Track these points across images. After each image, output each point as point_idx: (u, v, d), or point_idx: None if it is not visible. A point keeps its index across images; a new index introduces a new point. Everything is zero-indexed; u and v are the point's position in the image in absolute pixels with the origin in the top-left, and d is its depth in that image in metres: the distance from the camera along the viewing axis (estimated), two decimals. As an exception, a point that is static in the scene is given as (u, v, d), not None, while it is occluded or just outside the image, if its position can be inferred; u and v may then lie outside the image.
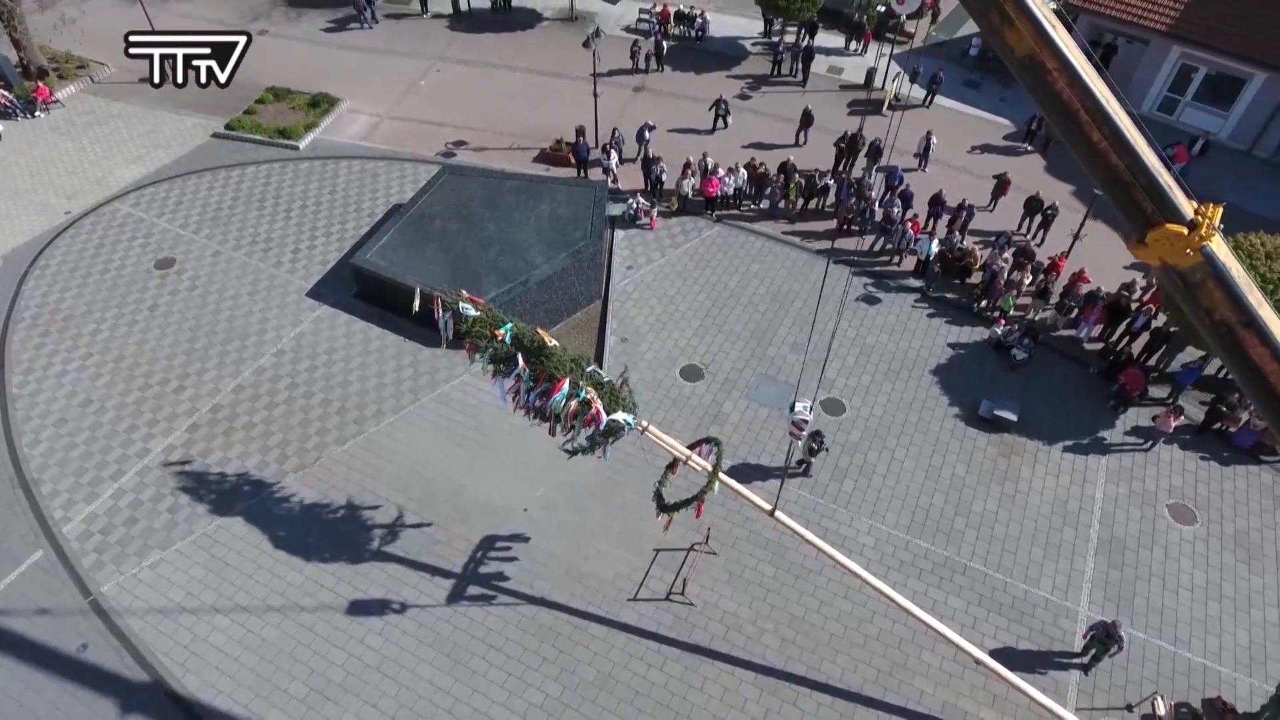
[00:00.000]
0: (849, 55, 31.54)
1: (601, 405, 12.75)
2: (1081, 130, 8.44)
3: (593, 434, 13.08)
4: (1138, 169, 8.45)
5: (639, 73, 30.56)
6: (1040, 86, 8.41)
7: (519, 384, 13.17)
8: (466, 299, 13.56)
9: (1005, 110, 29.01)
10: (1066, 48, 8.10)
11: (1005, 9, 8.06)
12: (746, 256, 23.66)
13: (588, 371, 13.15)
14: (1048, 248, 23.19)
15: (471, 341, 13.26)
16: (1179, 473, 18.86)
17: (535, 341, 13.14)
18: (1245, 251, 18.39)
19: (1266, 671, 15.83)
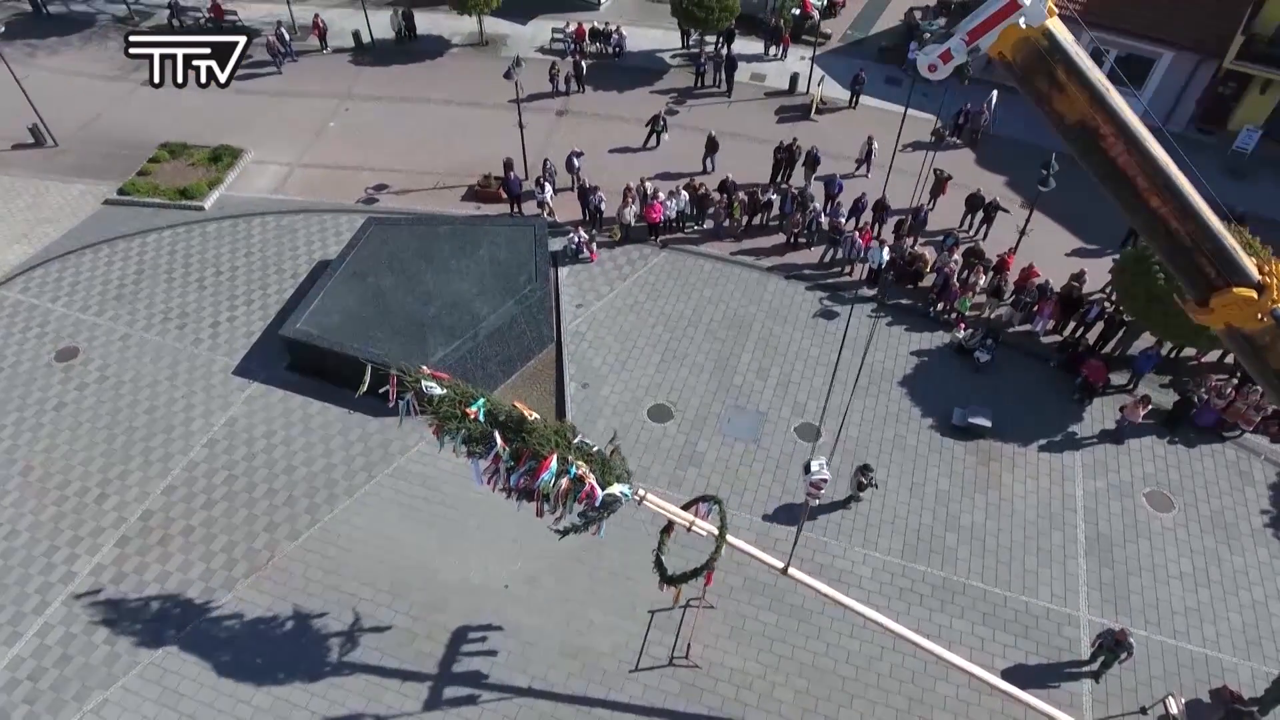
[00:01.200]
0: (769, 61, 31.21)
1: (595, 480, 11.75)
2: (1139, 197, 7.96)
3: (586, 511, 12.08)
4: (1202, 235, 8.01)
5: (560, 95, 29.51)
6: (1093, 153, 7.89)
7: (498, 464, 12.04)
8: (429, 375, 12.36)
9: (929, 105, 29.03)
10: (1124, 112, 7.58)
11: (1056, 74, 7.49)
12: (698, 281, 22.95)
13: (575, 444, 12.11)
14: (992, 244, 23.24)
15: (439, 423, 12.07)
16: (1150, 460, 19.07)
17: (513, 416, 12.05)
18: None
19: (1263, 653, 16.04)
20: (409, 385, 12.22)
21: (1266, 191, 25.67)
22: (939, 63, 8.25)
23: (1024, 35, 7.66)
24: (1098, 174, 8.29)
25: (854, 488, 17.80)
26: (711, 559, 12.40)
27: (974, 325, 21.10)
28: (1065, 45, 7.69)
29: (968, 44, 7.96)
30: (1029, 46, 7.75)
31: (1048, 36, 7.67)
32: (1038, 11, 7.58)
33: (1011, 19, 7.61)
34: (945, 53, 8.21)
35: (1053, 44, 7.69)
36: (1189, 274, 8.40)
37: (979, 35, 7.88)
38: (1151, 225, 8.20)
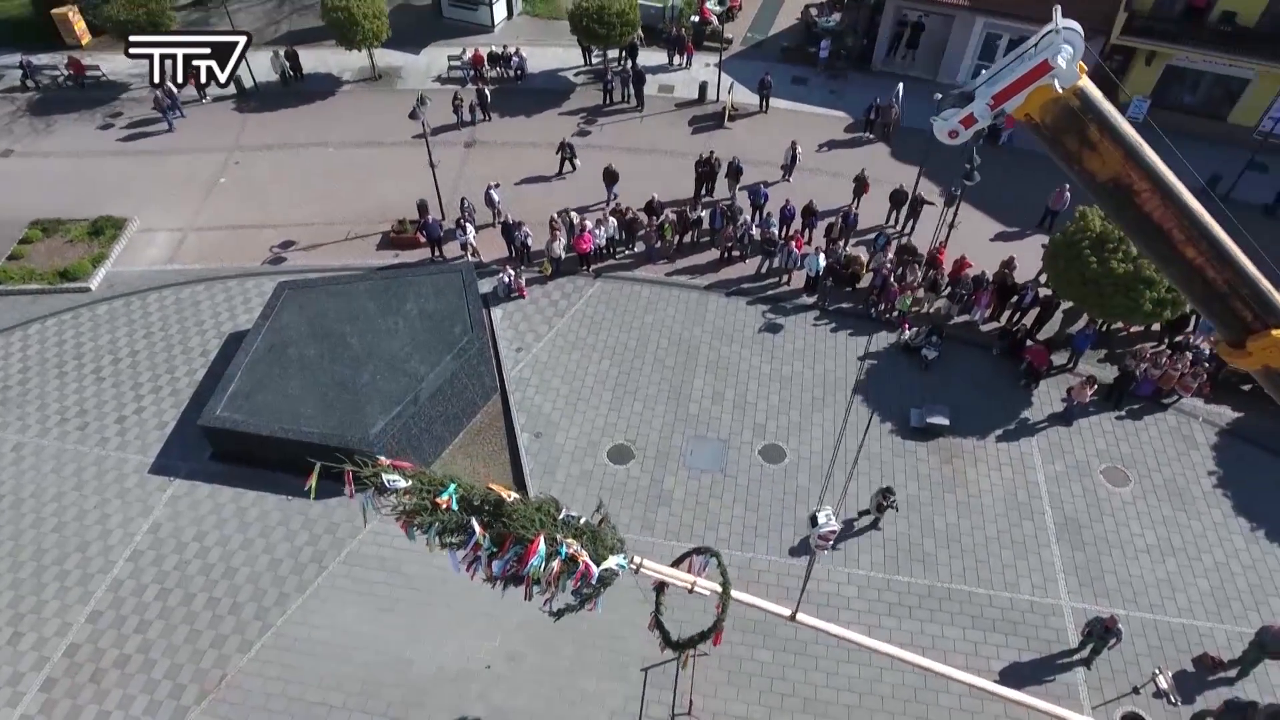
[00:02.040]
0: (675, 71, 30.80)
1: (588, 556, 10.93)
2: (1175, 248, 7.70)
3: (582, 589, 11.24)
4: (1239, 280, 7.82)
5: (466, 125, 28.31)
6: (1127, 209, 7.58)
7: (479, 551, 11.06)
8: (389, 465, 11.28)
9: (838, 103, 29.34)
10: (1159, 166, 7.30)
11: (1088, 133, 7.13)
12: (637, 309, 22.31)
13: (561, 519, 11.24)
14: (920, 239, 23.44)
15: (407, 517, 11.01)
16: (1100, 436, 19.54)
17: (490, 499, 11.09)
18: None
19: (1232, 613, 16.57)
20: (368, 481, 11.13)
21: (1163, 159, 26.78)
22: (960, 128, 7.87)
23: (1055, 96, 7.31)
24: (1130, 228, 8.07)
25: (874, 509, 17.54)
26: (719, 619, 11.78)
27: (918, 323, 21.19)
28: (1099, 103, 7.44)
29: (993, 108, 7.60)
30: (1059, 107, 7.46)
31: (1080, 95, 7.39)
32: (1071, 71, 7.26)
33: (1043, 81, 7.27)
34: (967, 118, 7.81)
35: (1085, 103, 7.42)
36: (1224, 318, 8.24)
37: (1006, 99, 7.53)
38: (1186, 274, 8.02)
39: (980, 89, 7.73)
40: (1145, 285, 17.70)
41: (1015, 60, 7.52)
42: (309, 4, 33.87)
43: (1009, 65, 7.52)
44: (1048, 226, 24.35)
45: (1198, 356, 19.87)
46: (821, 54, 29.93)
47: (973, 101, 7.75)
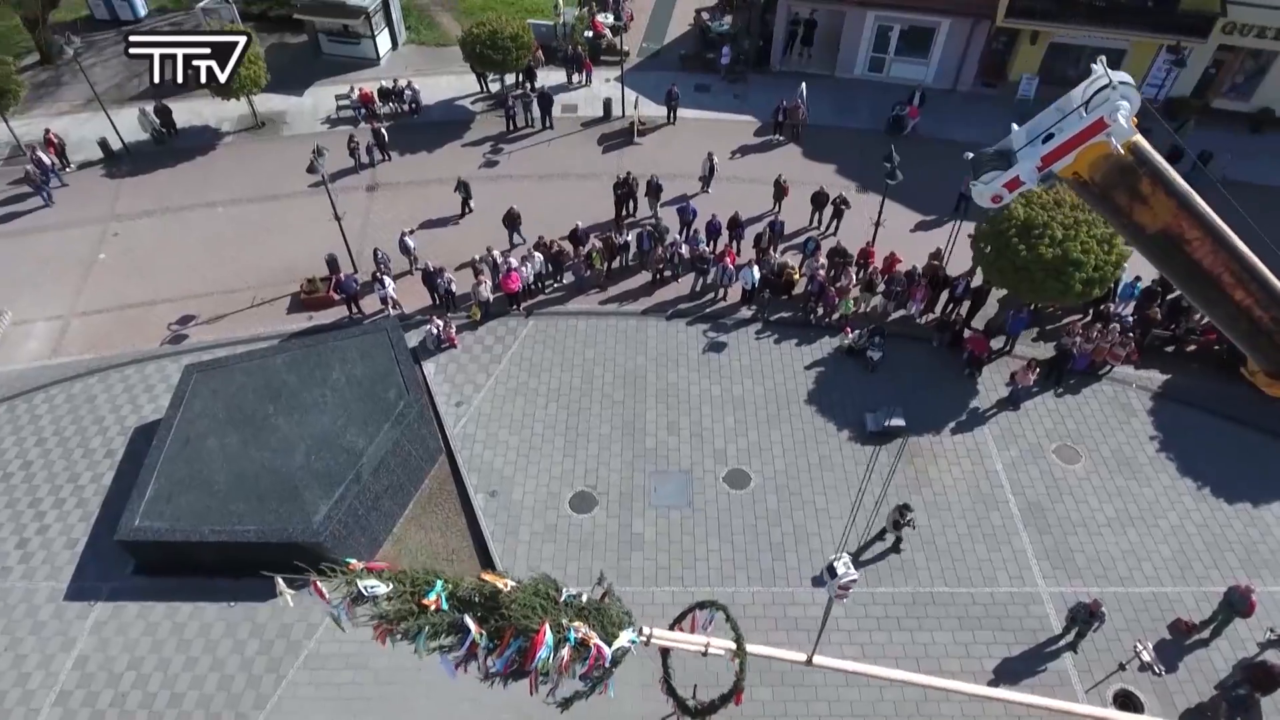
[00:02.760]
0: (576, 89, 30.04)
1: (599, 637, 10.12)
2: (1223, 292, 7.46)
3: (592, 674, 10.42)
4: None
5: (364, 168, 26.79)
6: (1176, 257, 7.30)
7: (476, 650, 10.09)
8: (363, 568, 10.19)
9: (744, 107, 29.21)
10: (1210, 214, 7.04)
11: (1139, 187, 6.81)
12: (576, 344, 21.53)
13: (564, 601, 10.37)
14: (845, 238, 23.49)
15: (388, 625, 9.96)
16: (1046, 416, 19.98)
17: (483, 591, 10.14)
18: (1026, 197, 19.52)
19: (1195, 574, 17.16)
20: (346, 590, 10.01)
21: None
22: (1004, 192, 7.47)
23: (1107, 153, 7.02)
24: (1178, 275, 7.89)
25: (891, 527, 17.27)
26: (739, 680, 11.21)
27: (859, 325, 21.20)
28: (1153, 157, 7.17)
29: (1041, 169, 7.23)
30: (1112, 163, 7.16)
31: (1134, 150, 7.08)
32: (1128, 128, 6.93)
33: (1098, 138, 6.93)
34: (1012, 181, 7.41)
35: (1140, 157, 7.15)
36: (1267, 352, 8.15)
37: (1056, 159, 7.17)
38: (1233, 315, 7.89)
39: (1024, 150, 7.38)
40: (1074, 267, 18.13)
41: (1063, 117, 7.17)
42: (172, 52, 31.46)
43: (1057, 124, 7.17)
44: (963, 212, 24.81)
45: (1123, 325, 20.59)
46: (723, 60, 29.75)
47: (1015, 164, 7.39)
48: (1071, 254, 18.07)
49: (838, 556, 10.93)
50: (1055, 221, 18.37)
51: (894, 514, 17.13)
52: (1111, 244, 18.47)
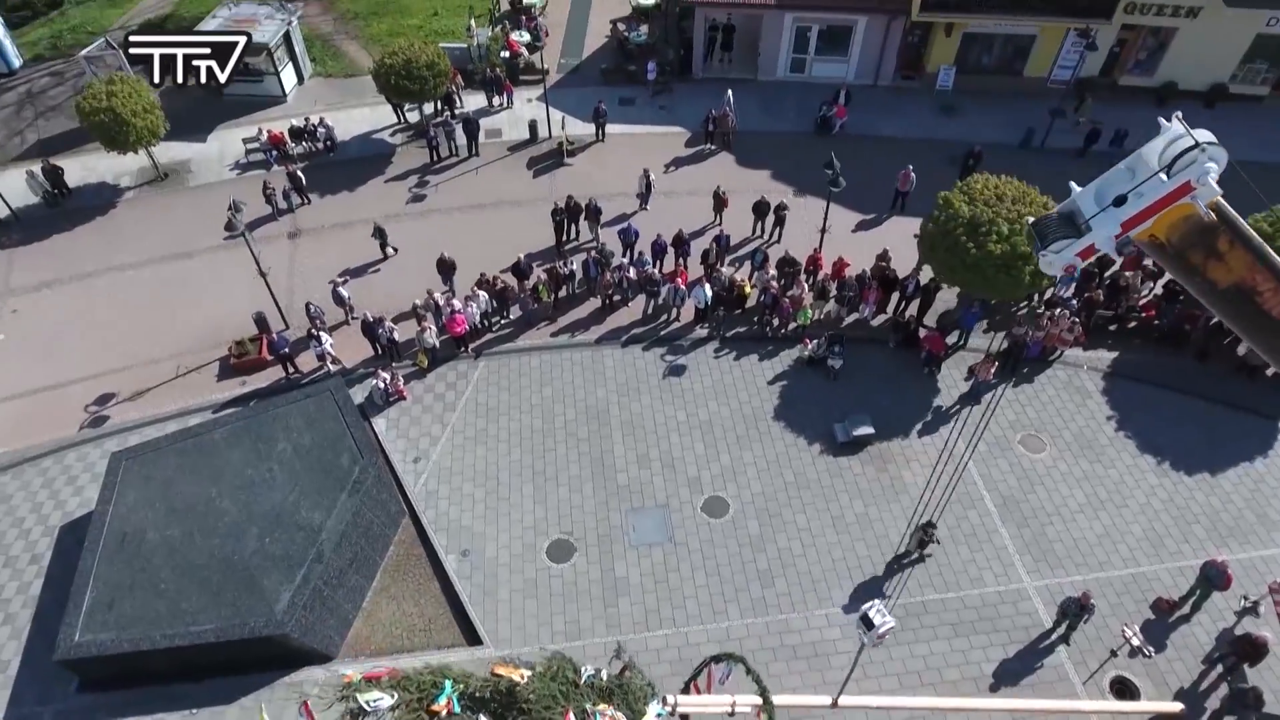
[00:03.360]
0: (498, 112, 29.10)
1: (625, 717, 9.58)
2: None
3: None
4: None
5: (284, 214, 25.30)
6: (1246, 308, 7.03)
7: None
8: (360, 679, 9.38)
9: (672, 118, 28.81)
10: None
11: (1217, 245, 6.49)
12: (532, 382, 20.74)
13: (586, 681, 9.76)
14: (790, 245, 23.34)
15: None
16: (1007, 407, 20.17)
17: (498, 687, 9.46)
18: (966, 188, 19.69)
19: (1168, 551, 17.56)
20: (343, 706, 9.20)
21: (975, 120, 28.34)
22: (1077, 261, 7.12)
23: (1190, 214, 6.76)
24: (1246, 327, 7.66)
25: (917, 545, 17.07)
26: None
27: (816, 334, 21.03)
28: (1234, 215, 6.92)
29: (1119, 236, 6.88)
30: (1190, 224, 6.88)
31: (1218, 209, 6.82)
32: (1214, 189, 6.60)
33: (1182, 201, 6.63)
34: (1087, 249, 7.06)
35: (1223, 216, 6.89)
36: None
37: (1136, 224, 6.83)
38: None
39: (1098, 217, 7.04)
40: (1023, 261, 18.32)
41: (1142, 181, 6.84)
42: (55, 104, 29.22)
43: (1135, 188, 6.82)
44: (900, 208, 25.05)
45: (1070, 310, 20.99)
46: (650, 75, 29.27)
47: (1088, 231, 7.06)
48: (1020, 248, 18.25)
49: (871, 605, 10.60)
50: (1000, 217, 18.52)
51: (919, 534, 16.94)
52: (1055, 234, 18.73)
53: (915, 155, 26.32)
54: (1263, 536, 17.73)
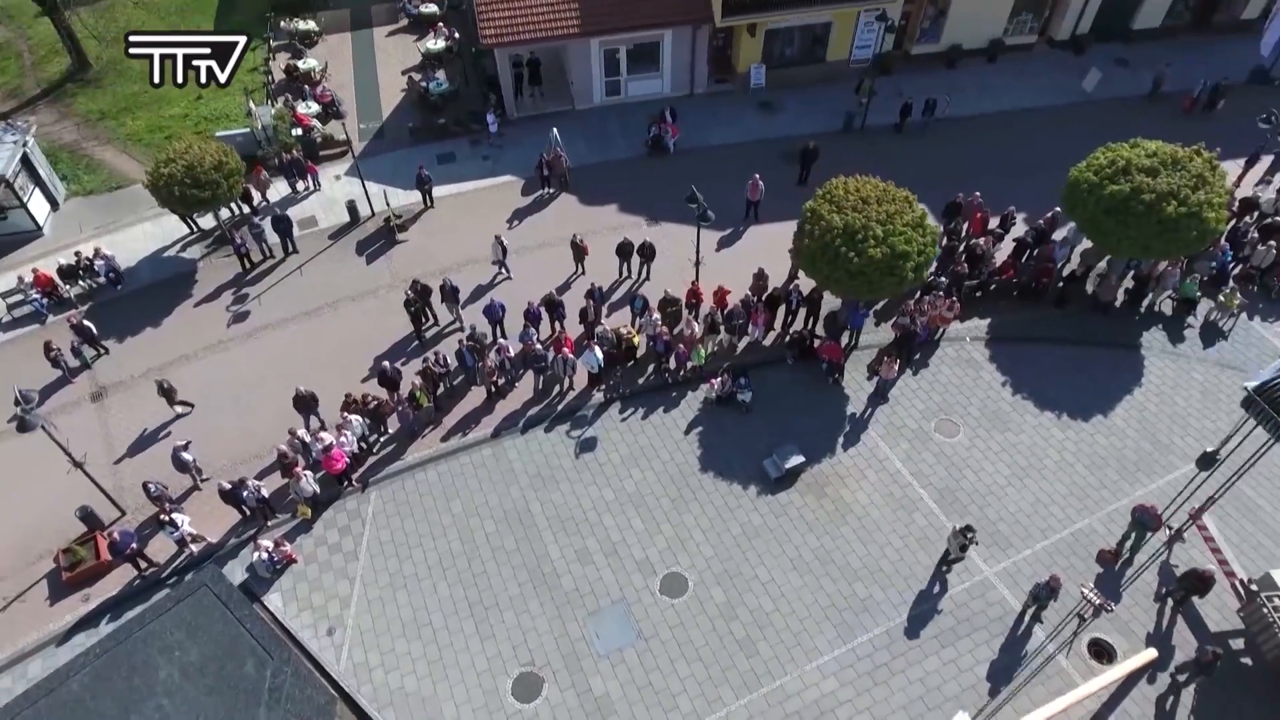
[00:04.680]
0: (305, 198, 26.04)
1: None
2: None
3: None
4: None
5: (78, 373, 21.23)
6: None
7: None
8: None
9: (499, 167, 27.04)
10: None
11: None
12: (436, 500, 18.60)
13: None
14: (663, 283, 22.49)
15: None
16: (914, 397, 20.48)
17: None
18: (828, 195, 19.63)
19: (1094, 501, 18.39)
20: None
21: (794, 115, 28.75)
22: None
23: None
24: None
25: (958, 550, 16.78)
26: None
27: (716, 369, 20.33)
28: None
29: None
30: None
31: None
32: None
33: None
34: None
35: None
36: None
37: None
38: None
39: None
40: (903, 259, 18.46)
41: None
42: None
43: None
44: (754, 216, 24.87)
45: (944, 289, 21.56)
46: (491, 129, 27.33)
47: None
48: (898, 248, 18.36)
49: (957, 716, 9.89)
50: (873, 221, 18.54)
51: (958, 538, 16.63)
52: (923, 225, 19.06)
53: (751, 159, 26.29)
54: (1163, 462, 19.03)
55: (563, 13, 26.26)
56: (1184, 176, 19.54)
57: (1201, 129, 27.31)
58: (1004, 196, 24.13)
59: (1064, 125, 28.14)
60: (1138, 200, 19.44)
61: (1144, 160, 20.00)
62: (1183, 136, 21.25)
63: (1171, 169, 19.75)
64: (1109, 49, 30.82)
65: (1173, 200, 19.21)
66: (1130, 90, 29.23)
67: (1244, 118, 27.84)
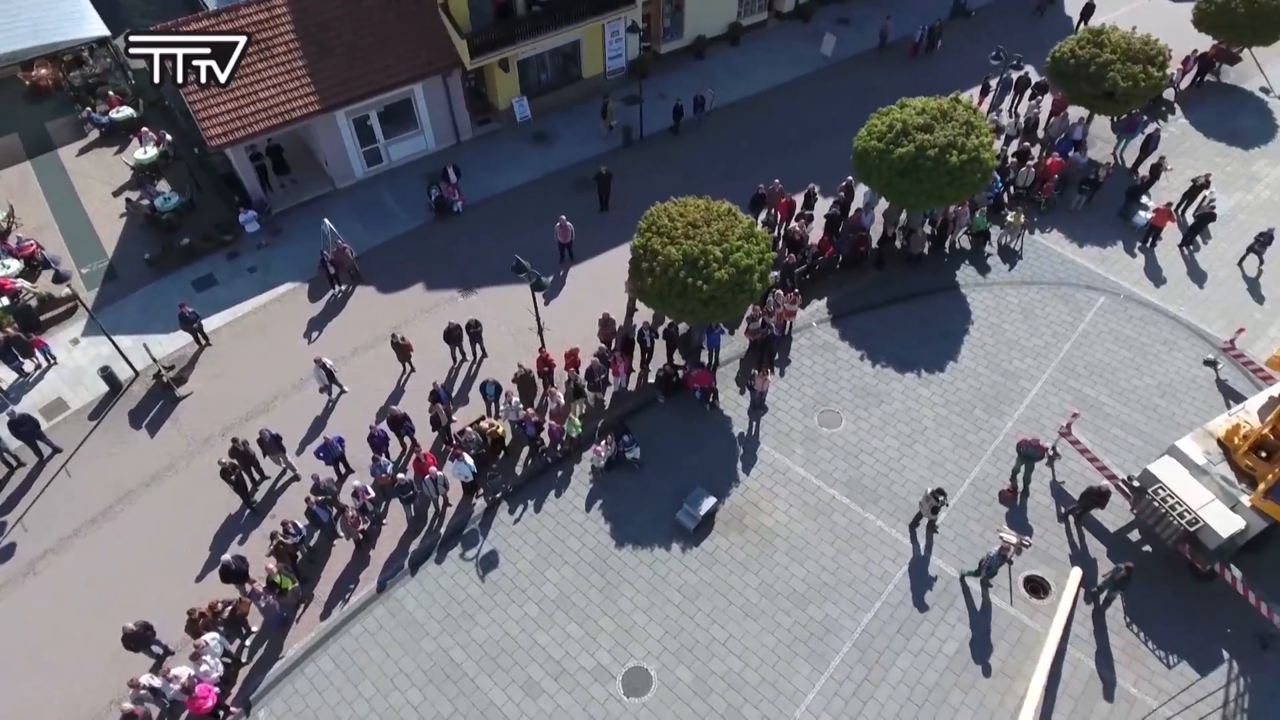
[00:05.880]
0: (39, 377, 21.14)
1: None
2: None
3: None
4: None
5: None
6: None
7: None
8: None
9: (272, 276, 23.53)
10: None
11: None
12: (342, 688, 15.79)
13: None
14: (504, 360, 20.79)
15: None
16: (790, 397, 20.43)
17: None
18: (654, 228, 18.89)
19: (976, 444, 19.33)
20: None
21: (571, 140, 27.67)
22: None
23: None
24: None
25: (930, 513, 17.43)
26: None
27: (597, 436, 19.06)
28: None
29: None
30: None
31: None
32: None
33: None
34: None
35: None
36: None
37: None
38: None
39: None
40: (749, 273, 18.15)
41: None
42: None
43: None
44: (570, 258, 23.67)
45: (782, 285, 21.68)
46: (249, 230, 23.60)
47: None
48: (741, 264, 18.00)
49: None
50: (709, 244, 18.01)
51: (929, 501, 17.23)
52: (754, 234, 18.84)
53: (543, 196, 25.20)
54: (1015, 388, 20.43)
55: (295, 93, 23.25)
56: (954, 126, 20.89)
57: (930, 69, 29.97)
58: (796, 174, 24.78)
59: (819, 90, 29.52)
60: (924, 157, 20.51)
61: (917, 119, 21.12)
62: (916, 77, 23.03)
63: (943, 121, 21.04)
64: (830, 11, 32.72)
65: (954, 150, 20.47)
66: (862, 46, 31.22)
67: (960, 52, 30.78)
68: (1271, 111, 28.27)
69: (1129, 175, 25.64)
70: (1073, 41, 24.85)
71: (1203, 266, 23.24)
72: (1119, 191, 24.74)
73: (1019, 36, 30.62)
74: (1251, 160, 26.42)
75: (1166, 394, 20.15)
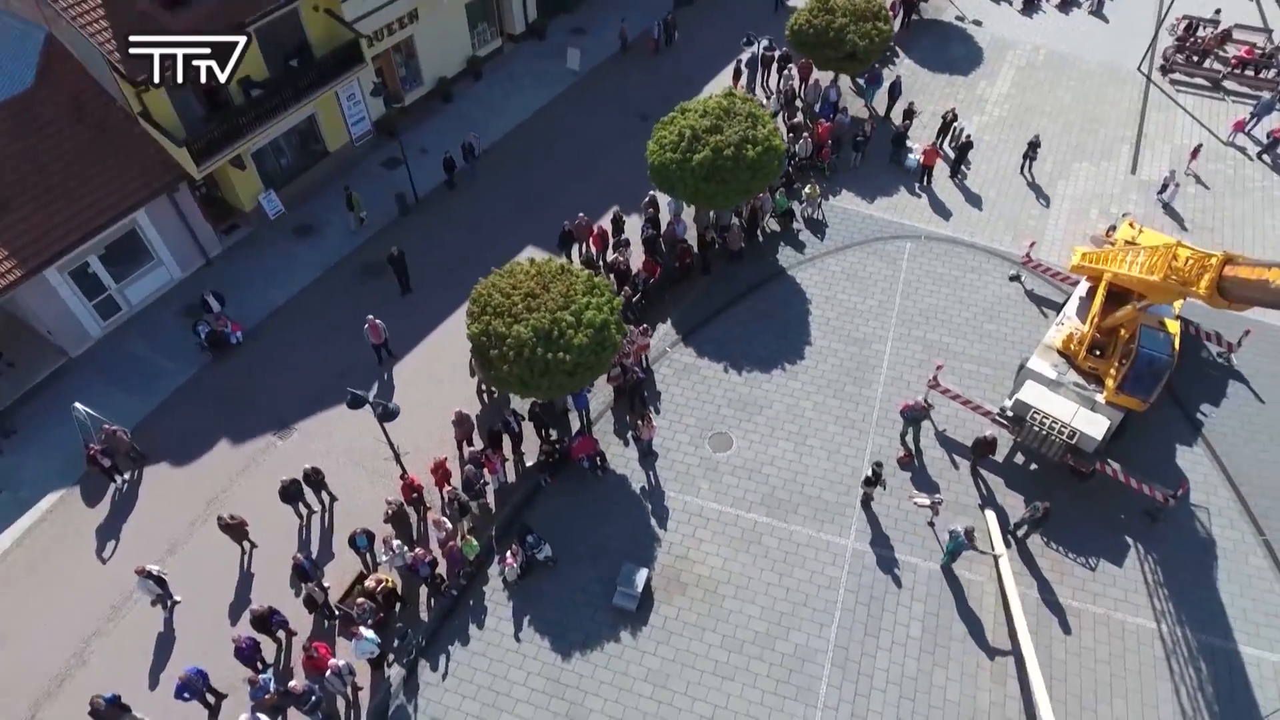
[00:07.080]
0: None
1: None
2: None
3: None
4: None
5: None
6: None
7: None
8: None
9: (28, 492, 18.76)
10: None
11: None
12: None
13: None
14: (360, 500, 18.10)
15: None
16: (674, 433, 19.55)
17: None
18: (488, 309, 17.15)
19: (860, 419, 19.65)
20: None
21: (341, 226, 24.44)
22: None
23: None
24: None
25: (865, 485, 17.73)
26: None
27: (499, 549, 17.08)
28: None
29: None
30: None
31: None
32: None
33: None
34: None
35: None
36: None
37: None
38: None
39: None
40: (604, 328, 16.94)
41: None
42: None
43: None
44: (389, 356, 21.05)
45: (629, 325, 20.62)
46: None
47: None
48: (596, 322, 16.74)
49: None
50: (558, 311, 16.55)
51: (874, 468, 17.47)
52: (596, 285, 17.62)
53: (331, 296, 22.65)
54: (870, 354, 21.03)
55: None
56: (740, 121, 20.88)
57: (677, 60, 30.19)
58: (593, 198, 23.89)
59: (580, 105, 28.67)
60: (723, 158, 20.33)
61: (702, 122, 20.87)
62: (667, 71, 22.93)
63: (728, 118, 20.95)
64: (561, 23, 31.84)
65: (748, 144, 20.47)
66: (605, 52, 30.69)
67: (696, 39, 31.26)
68: (972, 36, 31.52)
69: (886, 124, 27.39)
70: (806, 13, 25.89)
71: (975, 190, 25.37)
72: (885, 142, 26.31)
73: (747, 14, 31.66)
74: (974, 84, 29.28)
75: (993, 318, 21.73)
